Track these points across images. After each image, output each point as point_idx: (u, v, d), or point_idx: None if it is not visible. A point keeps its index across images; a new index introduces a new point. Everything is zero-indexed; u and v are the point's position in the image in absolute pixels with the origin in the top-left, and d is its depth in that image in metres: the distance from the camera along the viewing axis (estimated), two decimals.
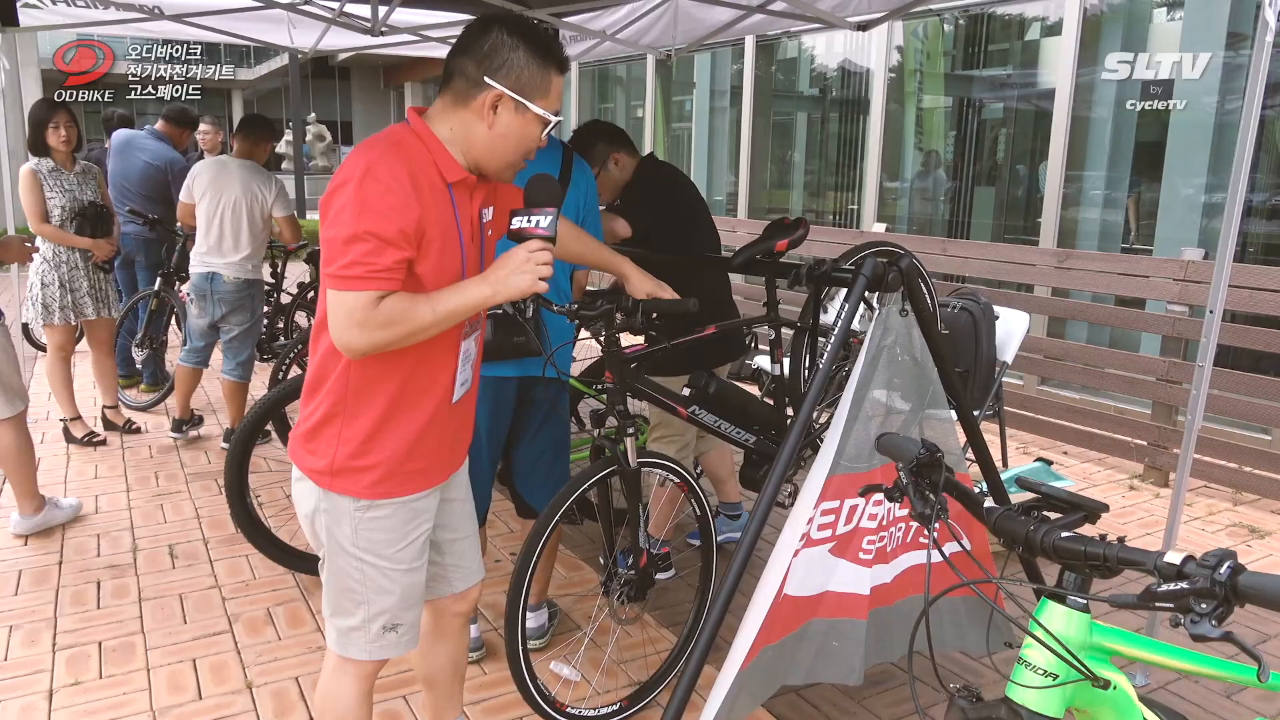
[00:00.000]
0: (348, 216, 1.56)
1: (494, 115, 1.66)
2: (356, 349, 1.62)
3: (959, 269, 5.71)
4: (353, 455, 1.74)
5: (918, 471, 1.31)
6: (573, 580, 3.50)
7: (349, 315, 1.58)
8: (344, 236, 1.56)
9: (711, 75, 9.76)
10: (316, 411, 1.76)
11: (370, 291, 1.57)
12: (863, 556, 2.38)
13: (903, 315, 2.25)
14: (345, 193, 1.57)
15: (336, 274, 1.57)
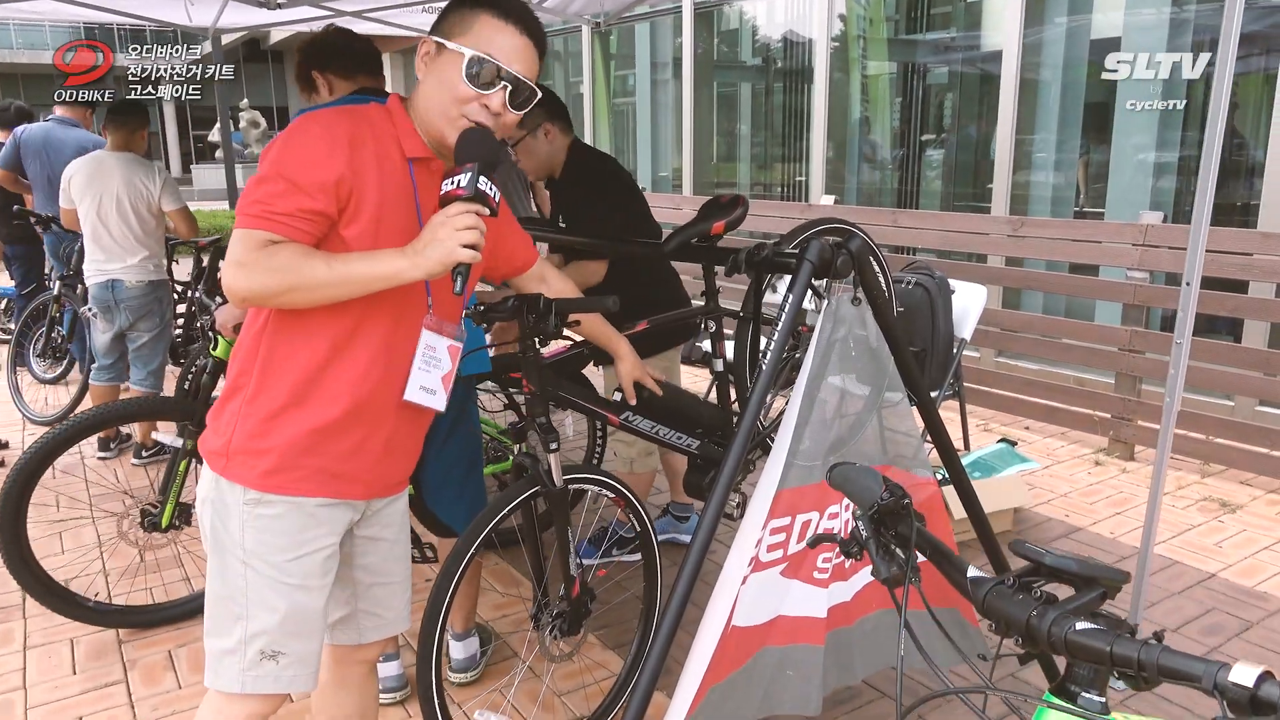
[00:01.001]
0: (267, 161, 1.49)
1: (425, 69, 1.58)
2: (238, 291, 1.48)
3: (911, 241, 5.49)
4: (251, 435, 1.57)
5: (880, 520, 1.04)
6: (513, 598, 3.21)
7: (234, 253, 1.46)
8: (256, 178, 1.49)
9: (652, 47, 9.42)
10: (228, 384, 1.64)
11: (261, 231, 1.46)
12: (818, 576, 2.13)
13: (855, 304, 1.98)
14: (274, 143, 1.52)
15: (239, 212, 1.49)
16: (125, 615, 3.05)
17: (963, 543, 2.95)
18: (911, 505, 1.02)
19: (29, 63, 26.84)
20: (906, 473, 2.27)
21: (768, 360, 1.91)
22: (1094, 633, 0.79)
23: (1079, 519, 3.79)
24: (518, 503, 2.18)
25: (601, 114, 10.17)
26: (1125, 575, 0.89)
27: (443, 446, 2.44)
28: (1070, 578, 0.87)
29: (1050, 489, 4.11)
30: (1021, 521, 3.73)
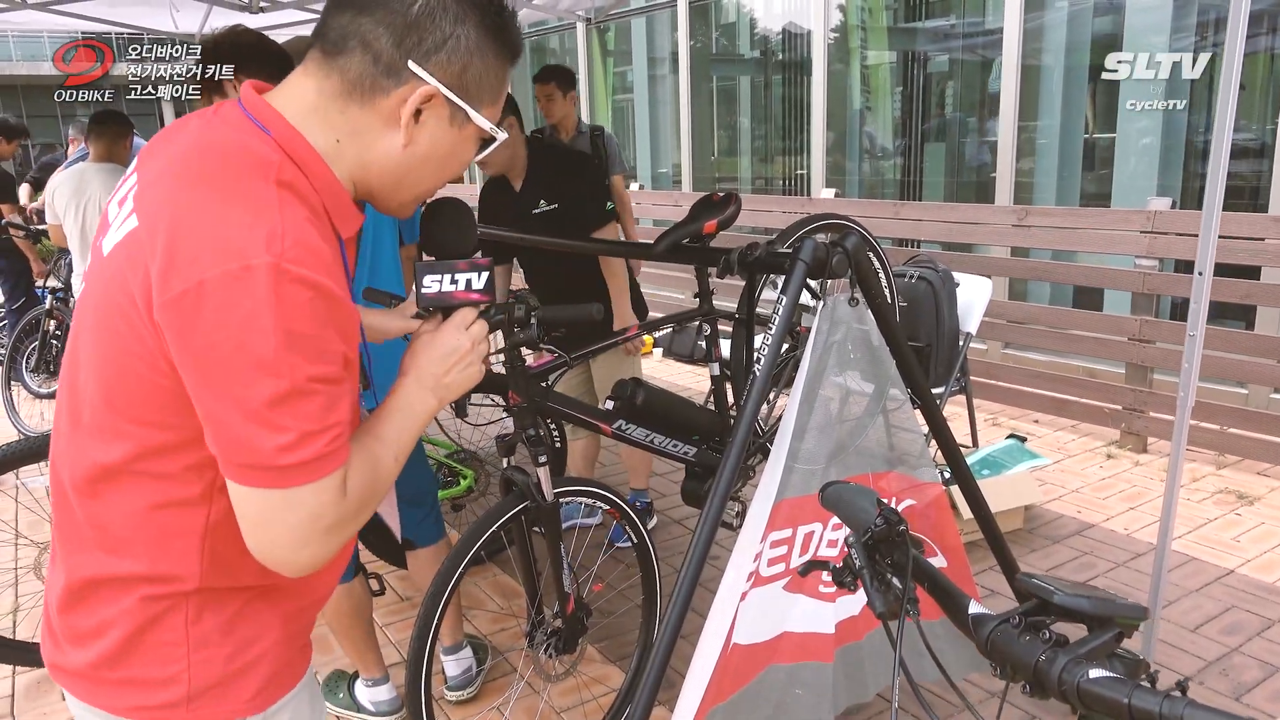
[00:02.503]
0: (267, 353, 0.87)
1: (415, 125, 1.02)
2: (318, 562, 0.97)
3: (913, 232, 5.39)
4: (226, 659, 1.05)
5: (874, 547, 0.96)
6: (509, 612, 3.14)
7: (315, 519, 0.94)
8: (268, 396, 0.88)
9: (649, 42, 9.32)
10: (123, 617, 1.02)
11: (338, 471, 0.95)
12: (824, 590, 2.05)
13: (852, 305, 1.90)
14: (249, 299, 0.87)
15: (275, 466, 0.90)
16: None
17: (971, 543, 2.86)
18: (908, 532, 0.94)
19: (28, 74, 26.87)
20: (911, 475, 2.19)
21: (762, 364, 1.83)
22: (1109, 682, 0.70)
23: (1092, 515, 3.69)
24: (507, 518, 2.11)
25: (600, 111, 10.08)
26: (1143, 612, 0.81)
27: (408, 466, 2.37)
28: (1082, 617, 0.78)
29: (1062, 484, 4.01)
30: (1033, 519, 3.64)
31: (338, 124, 1.00)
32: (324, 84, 1.00)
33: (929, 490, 2.17)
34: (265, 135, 0.98)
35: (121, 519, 1.00)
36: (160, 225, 0.91)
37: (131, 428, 0.96)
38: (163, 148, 1.02)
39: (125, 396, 0.95)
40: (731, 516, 2.33)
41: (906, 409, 2.07)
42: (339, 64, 0.99)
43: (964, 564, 2.23)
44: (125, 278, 0.92)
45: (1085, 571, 3.23)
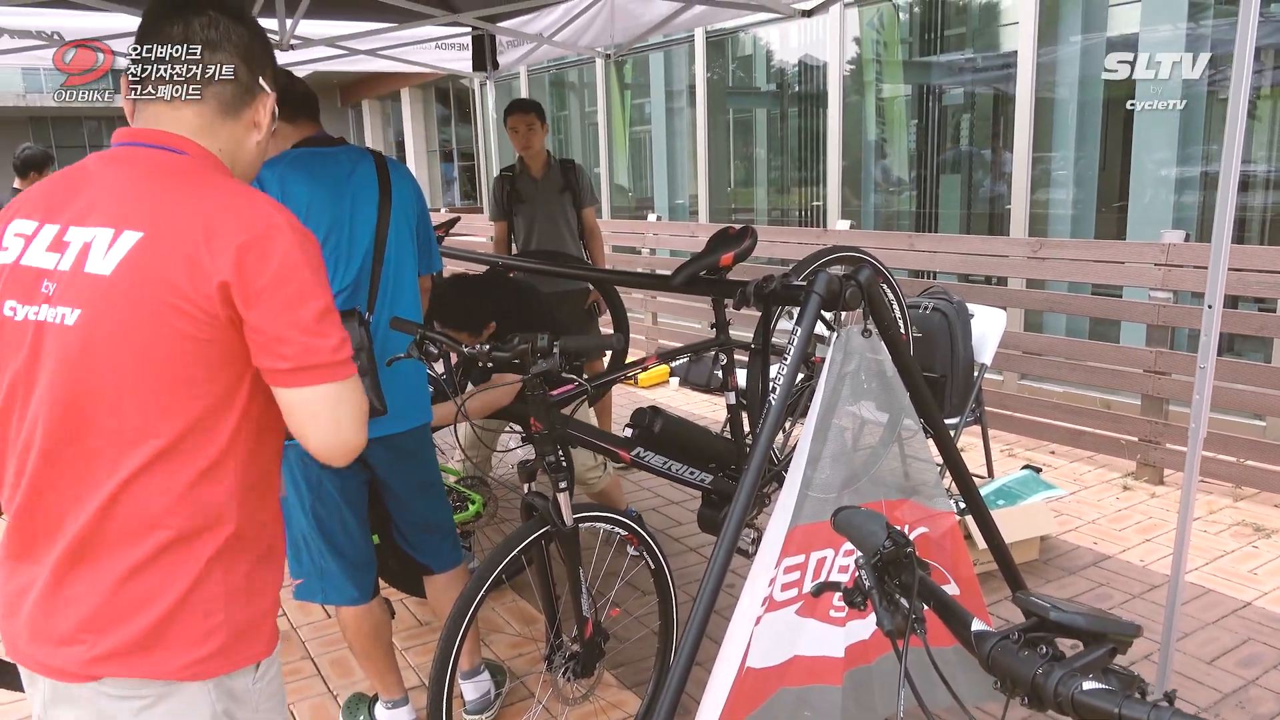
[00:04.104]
0: (308, 281, 1.18)
1: (264, 127, 1.34)
2: (364, 442, 1.27)
3: (927, 264, 5.44)
4: (250, 606, 1.25)
5: (883, 568, 1.00)
6: (527, 636, 3.17)
7: (361, 404, 1.25)
8: (316, 313, 1.18)
9: (666, 76, 9.47)
10: (173, 581, 1.18)
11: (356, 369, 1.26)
12: (834, 614, 2.08)
13: (866, 336, 1.94)
14: (280, 248, 1.17)
15: (334, 362, 1.20)
16: None
17: (985, 573, 2.88)
18: (915, 554, 0.98)
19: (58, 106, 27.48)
20: (925, 504, 2.22)
21: (777, 394, 1.88)
22: (1102, 693, 0.75)
23: (1108, 546, 3.70)
24: (527, 543, 2.15)
25: (619, 143, 10.22)
26: (1136, 629, 0.85)
27: (422, 494, 2.44)
28: (1078, 633, 0.82)
29: (1077, 515, 4.02)
30: (1049, 550, 3.64)
31: (221, 137, 1.29)
32: (201, 109, 1.27)
33: (943, 520, 2.20)
34: (184, 156, 1.25)
35: (161, 499, 1.17)
36: (183, 224, 1.15)
37: (174, 404, 1.15)
38: (89, 191, 1.22)
39: (167, 378, 1.15)
40: (747, 543, 2.37)
41: (920, 439, 2.11)
42: (211, 91, 1.26)
43: (977, 593, 2.26)
44: (161, 273, 1.14)
45: (1101, 603, 3.23)
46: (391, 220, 2.30)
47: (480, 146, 13.73)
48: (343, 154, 2.30)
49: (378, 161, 2.36)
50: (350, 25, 4.87)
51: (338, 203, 2.22)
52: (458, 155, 18.00)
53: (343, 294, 2.24)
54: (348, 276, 2.24)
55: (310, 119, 2.35)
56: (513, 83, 11.34)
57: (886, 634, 0.96)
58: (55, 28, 4.69)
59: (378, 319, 2.27)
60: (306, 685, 2.92)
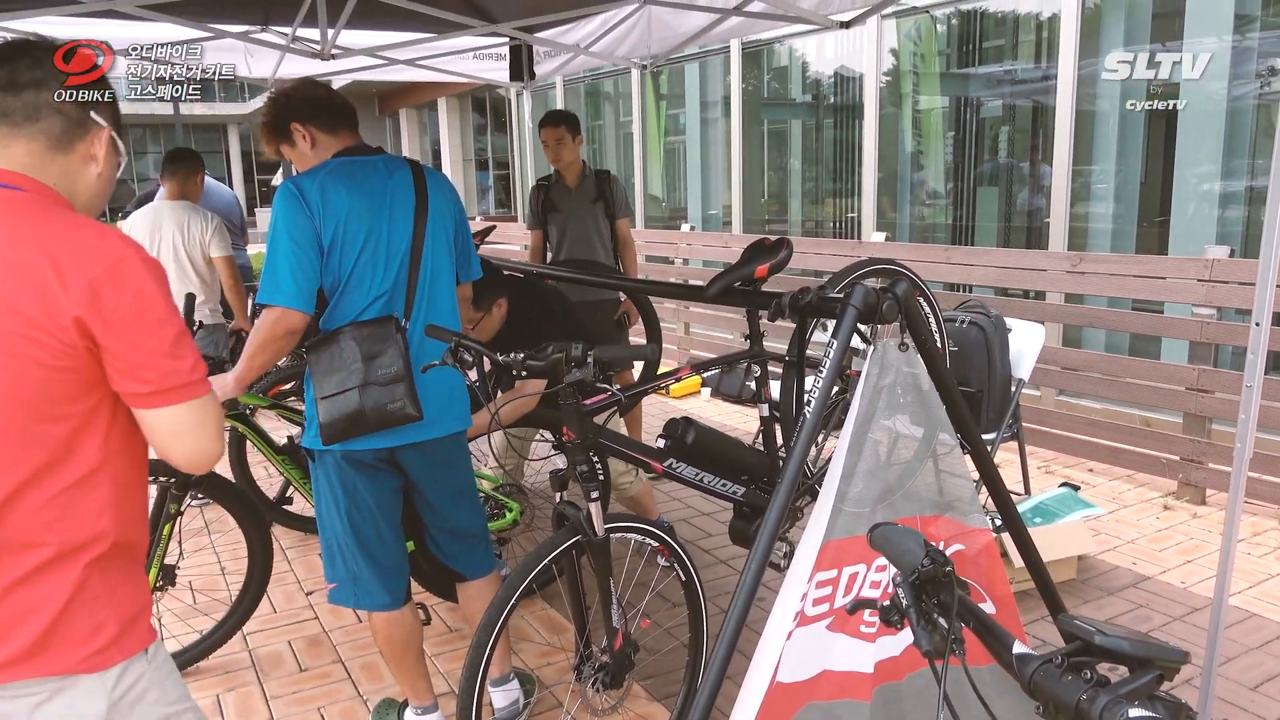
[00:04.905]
0: (162, 309, 1.27)
1: (101, 160, 1.38)
2: (220, 453, 1.38)
3: (964, 278, 5.38)
4: (131, 600, 1.36)
5: (921, 586, 0.98)
6: (556, 645, 3.17)
7: (218, 418, 1.36)
8: (172, 338, 1.28)
9: (702, 86, 9.48)
10: (56, 591, 1.27)
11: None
12: (865, 630, 2.05)
13: (902, 350, 1.92)
14: (134, 280, 1.24)
15: (192, 381, 1.30)
16: None
17: (1022, 592, 2.83)
18: (954, 573, 0.97)
19: None
20: (961, 521, 2.19)
21: (812, 407, 1.86)
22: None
23: (1147, 567, 3.62)
24: (558, 552, 2.15)
25: (653, 153, 10.24)
26: (1184, 656, 0.82)
27: (457, 502, 2.45)
28: (1123, 658, 0.80)
29: (1116, 535, 3.94)
30: (1086, 570, 3.58)
31: (54, 172, 1.33)
32: (31, 146, 1.30)
33: (979, 537, 2.17)
34: (19, 191, 1.28)
35: (37, 518, 1.25)
36: (29, 257, 1.20)
37: (39, 429, 1.22)
38: None
39: (33, 402, 1.21)
40: (779, 557, 2.35)
41: (956, 454, 2.08)
42: (40, 129, 1.30)
43: (1014, 612, 2.22)
44: (12, 305, 1.19)
45: (1141, 625, 3.16)
46: (428, 228, 2.32)
47: (515, 155, 13.83)
48: (381, 163, 2.32)
49: (415, 170, 2.38)
50: (389, 35, 4.93)
51: (375, 211, 2.24)
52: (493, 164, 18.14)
53: (379, 301, 2.26)
54: (384, 284, 2.26)
55: (349, 129, 2.38)
56: (549, 92, 11.41)
57: (924, 654, 0.94)
58: (103, 37, 4.79)
59: (414, 326, 2.29)
60: (337, 689, 2.94)
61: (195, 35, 4.61)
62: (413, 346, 2.26)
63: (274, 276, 2.17)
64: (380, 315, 2.26)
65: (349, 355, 2.20)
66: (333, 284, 2.23)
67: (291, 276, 2.15)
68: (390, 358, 2.18)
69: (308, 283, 2.17)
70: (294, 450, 3.55)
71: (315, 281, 2.19)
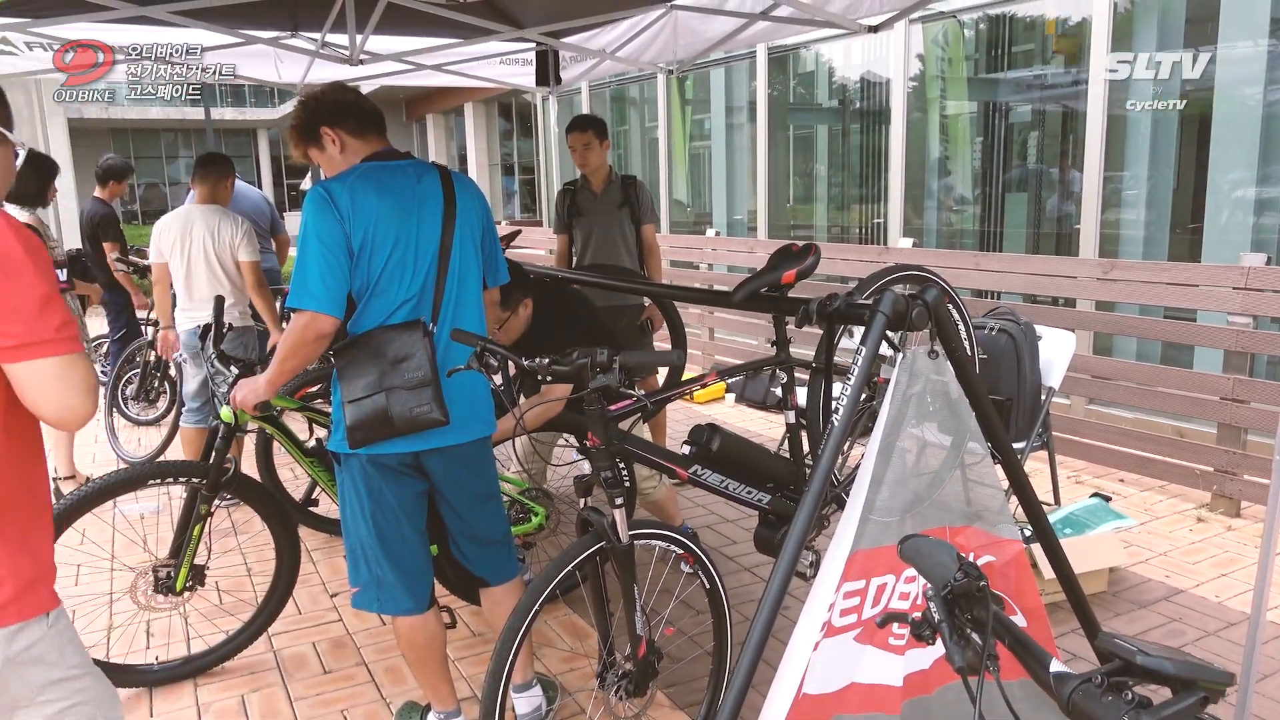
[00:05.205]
0: (28, 272, 1.36)
1: None
2: (92, 411, 1.44)
3: (993, 284, 5.32)
4: (32, 565, 1.45)
5: (953, 601, 0.96)
6: (578, 651, 3.16)
7: (87, 378, 1.41)
8: (40, 298, 1.36)
9: (727, 91, 9.46)
10: None
11: (85, 350, 1.49)
12: (894, 642, 2.02)
13: (932, 357, 1.90)
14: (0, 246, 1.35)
15: (59, 338, 1.37)
16: None
17: (1052, 604, 2.78)
18: (988, 587, 0.95)
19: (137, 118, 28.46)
20: (990, 531, 2.16)
21: (840, 414, 1.84)
22: None
23: (1180, 580, 3.55)
24: (582, 558, 2.14)
25: (678, 158, 10.24)
26: (1229, 678, 0.80)
27: (481, 506, 2.46)
28: (1166, 679, 0.78)
29: (1148, 547, 3.88)
30: (1117, 582, 3.52)
31: None
32: None
33: (1008, 547, 2.14)
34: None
35: None
36: None
37: None
38: None
39: None
40: (805, 566, 2.33)
41: (987, 464, 2.05)
42: None
43: (1045, 625, 2.18)
44: None
45: (1174, 639, 3.10)
46: (455, 233, 2.32)
47: (541, 160, 13.88)
48: (409, 168, 2.33)
49: (443, 175, 2.38)
50: (417, 41, 4.96)
51: (404, 216, 2.24)
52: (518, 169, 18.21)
53: (407, 305, 2.26)
54: (412, 288, 2.26)
55: (377, 134, 2.39)
56: (574, 98, 11.44)
57: (957, 670, 0.92)
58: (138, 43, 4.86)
59: (441, 330, 2.29)
60: (360, 691, 2.95)
61: (229, 41, 4.65)
62: (439, 351, 2.27)
63: (304, 281, 2.18)
64: (408, 319, 2.26)
65: (376, 359, 2.21)
66: (361, 288, 2.24)
67: (321, 281, 2.16)
68: (417, 362, 2.19)
69: (337, 287, 2.18)
70: (322, 452, 3.56)
71: (345, 286, 2.20)
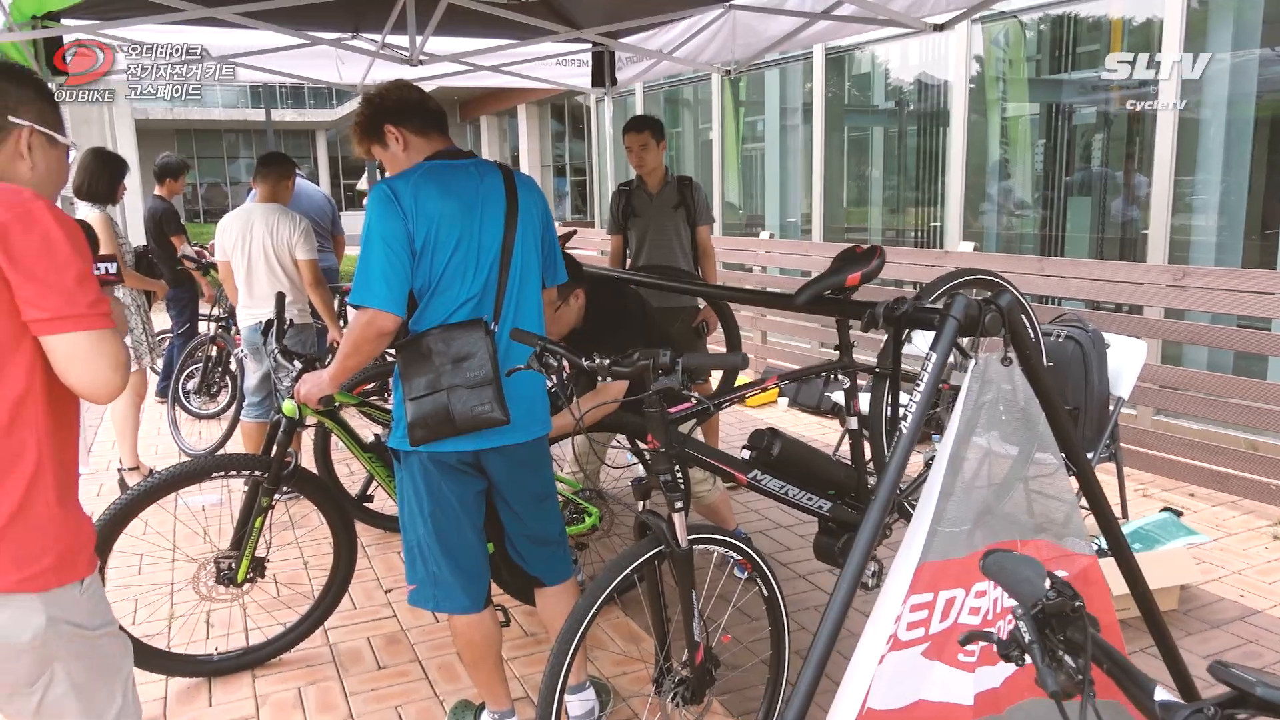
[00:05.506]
0: (66, 251, 1.44)
1: (31, 154, 1.61)
2: (123, 386, 1.53)
3: (1058, 290, 5.19)
4: (73, 534, 1.54)
5: (1044, 620, 0.92)
6: (631, 655, 3.13)
7: (117, 354, 1.49)
8: (75, 275, 1.45)
9: (782, 93, 9.38)
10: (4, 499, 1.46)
11: (115, 328, 1.54)
12: (964, 659, 1.96)
13: (1005, 364, 1.84)
14: (41, 225, 1.44)
15: (91, 313, 1.45)
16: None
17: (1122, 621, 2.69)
18: (1084, 608, 0.90)
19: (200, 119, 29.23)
20: (1060, 544, 2.09)
21: (909, 423, 1.79)
22: None
23: (1256, 600, 3.42)
24: (641, 562, 2.12)
25: (731, 160, 10.18)
26: None
27: (537, 506, 2.45)
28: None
29: (1221, 564, 3.74)
30: (1189, 600, 3.39)
31: None
32: None
33: (1079, 561, 2.06)
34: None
35: None
36: None
37: None
38: None
39: None
40: (868, 576, 2.28)
41: (1061, 475, 1.98)
42: None
43: (1119, 642, 2.10)
44: None
45: (1250, 662, 2.98)
46: (518, 233, 2.32)
47: (594, 161, 13.91)
48: (473, 167, 2.33)
49: (505, 175, 2.38)
50: (474, 42, 4.99)
51: (467, 215, 2.25)
52: (570, 170, 18.29)
53: (469, 304, 2.26)
54: (474, 287, 2.26)
55: (440, 133, 2.40)
56: (628, 99, 11.44)
57: (1051, 694, 0.88)
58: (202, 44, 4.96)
59: (502, 330, 2.29)
60: (413, 688, 2.96)
61: (292, 42, 4.72)
62: (500, 350, 2.26)
63: (366, 279, 2.19)
64: (469, 318, 2.26)
65: (438, 357, 2.21)
66: (423, 286, 2.24)
67: (384, 279, 2.17)
68: (479, 361, 2.19)
69: (400, 285, 2.19)
70: (380, 448, 3.59)
71: (407, 284, 2.21)
